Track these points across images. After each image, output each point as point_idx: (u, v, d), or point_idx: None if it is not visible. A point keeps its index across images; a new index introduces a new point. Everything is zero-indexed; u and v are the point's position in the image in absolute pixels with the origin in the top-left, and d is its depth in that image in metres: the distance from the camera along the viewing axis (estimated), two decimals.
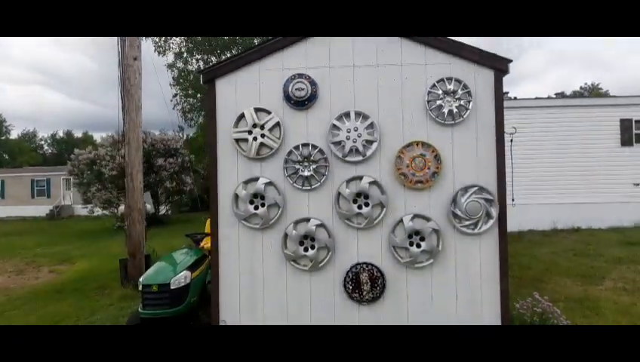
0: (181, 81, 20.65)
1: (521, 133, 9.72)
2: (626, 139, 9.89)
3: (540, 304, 3.27)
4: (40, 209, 24.26)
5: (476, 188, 3.08)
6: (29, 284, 6.74)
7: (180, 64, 20.58)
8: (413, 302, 3.15)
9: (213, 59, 19.00)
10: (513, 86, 63.69)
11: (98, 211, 16.36)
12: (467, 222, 3.08)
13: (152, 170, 14.87)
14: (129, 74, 6.18)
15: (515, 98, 11.60)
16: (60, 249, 10.76)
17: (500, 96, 3.16)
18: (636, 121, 9.89)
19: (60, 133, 49.87)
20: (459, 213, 3.07)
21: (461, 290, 3.13)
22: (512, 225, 9.35)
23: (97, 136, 45.93)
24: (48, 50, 79.33)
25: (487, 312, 3.10)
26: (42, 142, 49.81)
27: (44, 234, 14.71)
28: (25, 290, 6.28)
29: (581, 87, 34.08)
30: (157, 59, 20.03)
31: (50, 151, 48.83)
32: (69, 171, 16.58)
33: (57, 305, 5.31)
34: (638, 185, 9.83)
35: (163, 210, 17.40)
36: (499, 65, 3.14)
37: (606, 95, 27.75)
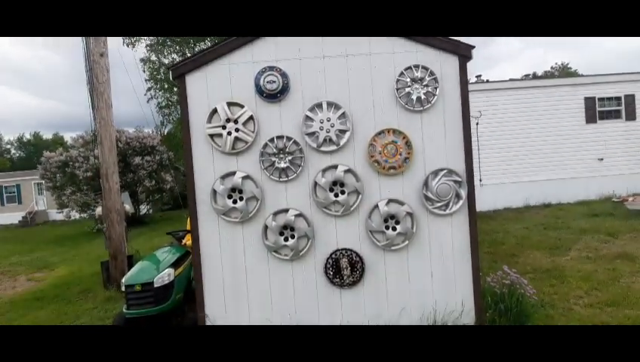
0: (154, 74, 19.93)
1: (492, 115, 10.10)
2: (590, 117, 10.41)
3: (509, 276, 3.49)
4: (12, 216, 23.22)
5: (445, 171, 3.23)
6: (5, 294, 6.53)
7: (153, 57, 19.82)
8: (391, 282, 3.30)
9: (187, 51, 18.42)
10: (489, 68, 65.11)
11: (75, 215, 15.85)
12: (438, 204, 3.23)
13: (130, 169, 14.47)
14: (96, 71, 5.97)
15: (488, 80, 11.93)
16: (37, 256, 10.42)
17: (464, 81, 3.29)
18: (599, 99, 10.41)
19: (27, 135, 47.38)
20: (430, 195, 3.22)
21: (436, 268, 3.31)
22: (487, 205, 9.85)
23: (68, 137, 43.88)
24: (8, 46, 74.42)
25: (460, 287, 3.30)
26: (8, 146, 47.18)
27: (18, 242, 14.15)
28: (1, 300, 6.09)
29: (552, 67, 35.12)
30: (128, 53, 19.24)
31: (17, 154, 46.35)
32: (41, 175, 15.92)
33: (38, 312, 5.20)
34: (602, 160, 10.42)
35: (144, 209, 17.03)
36: (462, 52, 3.26)
37: (575, 74, 28.83)
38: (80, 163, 14.10)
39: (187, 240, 4.62)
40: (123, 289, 3.67)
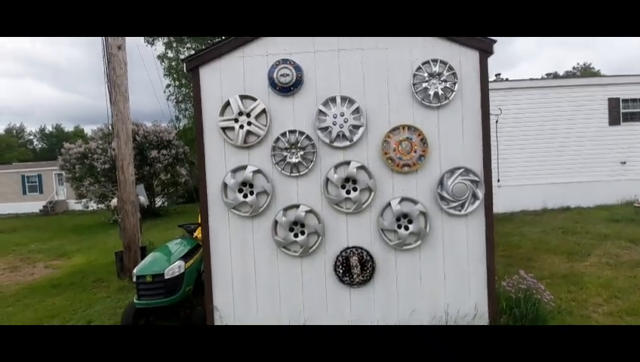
0: (172, 70, 20.24)
1: (511, 114, 9.80)
2: (614, 119, 9.98)
3: (525, 281, 3.36)
4: (33, 205, 24.05)
5: (462, 169, 3.12)
6: (24, 281, 6.75)
7: (171, 54, 20.12)
8: (402, 283, 3.23)
9: (203, 46, 18.63)
10: (509, 67, 63.60)
11: (93, 206, 16.28)
12: (454, 204, 3.13)
13: (146, 162, 14.74)
14: (114, 64, 6.05)
15: (507, 79, 11.58)
16: (55, 244, 10.74)
17: (485, 77, 3.17)
18: (623, 100, 9.96)
19: (49, 127, 49.00)
20: (445, 195, 3.12)
21: (449, 270, 3.21)
22: (503, 206, 9.58)
23: (88, 129, 45.23)
24: (34, 41, 76.99)
25: (474, 290, 3.20)
26: (31, 137, 48.94)
27: (38, 231, 14.63)
28: (20, 286, 6.29)
29: (574, 67, 33.97)
30: (146, 48, 19.56)
31: (40, 146, 48.00)
32: (60, 166, 16.40)
33: (54, 299, 5.35)
34: (624, 163, 9.98)
35: (159, 202, 17.34)
36: (483, 46, 3.13)
37: (598, 74, 27.74)
38: (98, 155, 14.45)
39: (198, 233, 4.64)
40: (134, 279, 3.71)
